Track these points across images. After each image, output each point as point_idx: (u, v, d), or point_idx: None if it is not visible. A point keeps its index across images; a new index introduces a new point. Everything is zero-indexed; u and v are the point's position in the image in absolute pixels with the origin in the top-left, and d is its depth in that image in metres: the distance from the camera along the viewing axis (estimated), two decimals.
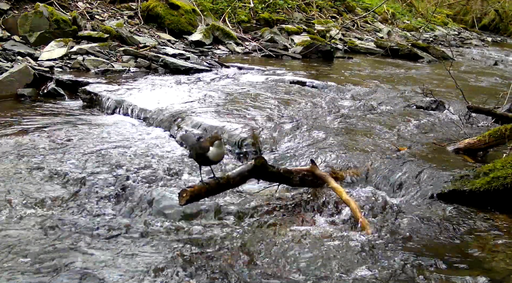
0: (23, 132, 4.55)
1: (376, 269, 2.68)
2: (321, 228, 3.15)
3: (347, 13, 15.43)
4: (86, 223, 3.09)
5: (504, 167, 3.44)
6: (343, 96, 6.35)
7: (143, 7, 9.83)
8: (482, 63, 11.22)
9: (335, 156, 4.09)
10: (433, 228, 3.14)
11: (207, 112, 5.15)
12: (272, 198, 3.51)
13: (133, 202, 3.39)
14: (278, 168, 3.52)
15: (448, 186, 3.54)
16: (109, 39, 8.19)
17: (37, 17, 7.66)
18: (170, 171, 3.87)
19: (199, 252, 2.83)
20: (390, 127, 5.06)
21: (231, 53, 9.60)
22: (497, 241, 3.01)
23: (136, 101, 5.56)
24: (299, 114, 5.31)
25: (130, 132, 4.83)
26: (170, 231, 3.07)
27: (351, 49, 11.41)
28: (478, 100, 6.07)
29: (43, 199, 3.32)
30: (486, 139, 4.26)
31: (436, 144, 4.53)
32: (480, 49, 14.84)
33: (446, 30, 17.83)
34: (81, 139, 4.47)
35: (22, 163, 3.80)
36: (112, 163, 3.92)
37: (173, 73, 7.25)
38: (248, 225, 3.18)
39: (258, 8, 12.01)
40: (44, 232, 2.93)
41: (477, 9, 22.19)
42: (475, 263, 2.78)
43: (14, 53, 6.84)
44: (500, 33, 22.04)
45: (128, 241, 2.91)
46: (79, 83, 6.15)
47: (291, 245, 2.91)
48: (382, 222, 3.19)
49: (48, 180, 3.59)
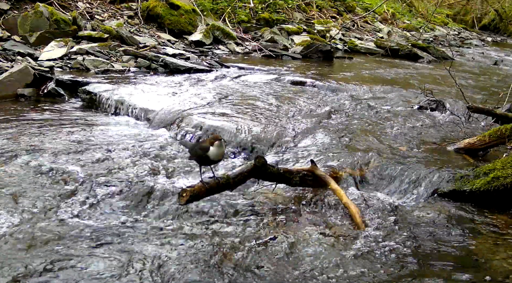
0: (23, 132, 4.55)
1: (375, 269, 2.68)
2: (321, 228, 3.15)
3: (347, 13, 15.43)
4: (87, 223, 3.09)
5: (504, 167, 3.44)
6: (343, 96, 6.35)
7: (143, 7, 9.83)
8: (482, 63, 11.22)
9: (335, 156, 4.09)
10: (433, 228, 3.15)
11: (207, 112, 5.15)
12: (271, 198, 3.51)
13: (133, 202, 3.39)
14: (278, 168, 3.51)
15: (448, 186, 3.54)
16: (109, 39, 8.19)
17: (37, 17, 7.65)
18: (170, 171, 3.87)
19: (197, 251, 2.83)
20: (390, 127, 5.06)
21: (231, 53, 9.60)
22: (497, 241, 3.01)
23: (136, 101, 5.56)
24: (299, 114, 5.31)
25: (130, 132, 4.83)
26: (170, 230, 3.07)
27: (351, 49, 11.41)
28: (478, 100, 6.08)
29: (43, 199, 3.32)
30: (486, 139, 4.26)
31: (436, 144, 4.53)
32: (480, 49, 14.84)
33: (446, 30, 17.81)
34: (81, 139, 4.47)
35: (22, 163, 3.79)
36: (113, 163, 3.92)
37: (173, 73, 7.25)
38: (248, 225, 3.18)
39: (258, 8, 12.01)
40: (45, 233, 2.93)
41: (477, 9, 22.19)
42: (475, 263, 2.78)
43: (14, 53, 6.84)
44: (500, 33, 22.03)
45: (128, 241, 2.91)
46: (79, 83, 6.15)
47: (291, 245, 2.91)
48: (381, 222, 3.19)
49: (48, 180, 3.59)
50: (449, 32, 17.46)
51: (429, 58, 10.83)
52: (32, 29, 7.56)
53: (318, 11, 14.29)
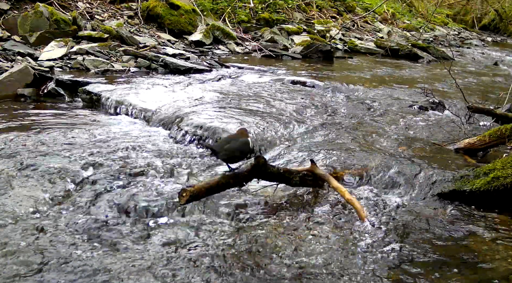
0: (23, 132, 4.55)
1: (375, 268, 2.68)
2: (322, 226, 3.15)
3: (347, 13, 15.44)
4: (87, 224, 3.09)
5: (504, 167, 3.44)
6: (343, 96, 6.35)
7: (143, 7, 9.84)
8: (482, 63, 11.22)
9: (335, 155, 4.09)
10: (433, 228, 3.15)
11: (207, 112, 5.15)
12: (271, 197, 3.51)
13: (133, 201, 3.39)
14: (278, 168, 3.51)
15: (448, 186, 3.54)
16: (109, 39, 8.19)
17: (37, 17, 7.66)
18: (170, 171, 3.87)
19: (196, 251, 2.83)
20: (390, 127, 5.06)
21: (231, 53, 9.60)
22: (497, 241, 3.01)
23: (136, 101, 5.56)
24: (299, 114, 5.31)
25: (130, 132, 4.83)
26: (169, 229, 3.07)
27: (351, 49, 11.41)
28: (478, 100, 6.09)
29: (44, 200, 3.32)
30: (486, 139, 4.26)
31: (436, 144, 4.53)
32: (480, 49, 14.84)
33: (446, 30, 17.83)
34: (81, 139, 4.46)
35: (23, 163, 3.79)
36: (113, 163, 3.92)
37: (173, 73, 7.25)
38: (248, 224, 3.18)
39: (258, 8, 12.02)
40: (45, 234, 2.93)
41: (477, 9, 22.20)
42: (475, 263, 2.78)
43: (14, 53, 6.84)
44: (500, 33, 22.04)
45: (126, 241, 2.91)
46: (79, 83, 6.15)
47: (290, 245, 2.91)
48: (381, 222, 3.19)
49: (49, 180, 3.58)
50: (449, 32, 17.48)
51: (429, 58, 10.84)
52: (32, 29, 7.56)
53: (318, 11, 14.30)
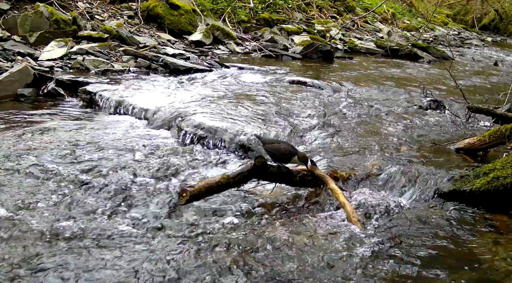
0: (23, 132, 4.55)
1: (374, 269, 2.68)
2: (319, 228, 3.15)
3: (347, 13, 15.43)
4: (87, 224, 3.09)
5: (504, 167, 3.44)
6: (343, 96, 6.36)
7: (143, 7, 9.83)
8: (482, 63, 11.23)
9: (335, 156, 4.09)
10: (433, 228, 3.15)
11: (208, 112, 5.15)
12: (271, 197, 3.52)
13: (133, 201, 3.39)
14: (279, 168, 3.51)
15: (448, 186, 3.54)
16: (109, 39, 8.19)
17: (37, 17, 7.65)
18: (170, 171, 3.87)
19: (195, 251, 2.83)
20: (390, 127, 5.07)
21: (231, 53, 9.60)
22: (497, 241, 3.01)
23: (136, 101, 5.56)
24: (299, 114, 5.31)
25: (130, 132, 4.83)
26: (169, 229, 3.07)
27: (351, 49, 11.40)
28: (478, 100, 6.08)
29: (44, 200, 3.32)
30: (486, 139, 4.26)
31: (436, 144, 4.53)
32: (480, 49, 14.84)
33: (446, 30, 17.82)
34: (81, 139, 4.47)
35: (23, 163, 3.79)
36: (113, 163, 3.92)
37: (173, 73, 7.25)
38: (247, 224, 3.18)
39: (258, 8, 12.01)
40: (45, 234, 2.93)
41: (477, 9, 22.21)
42: (475, 263, 2.78)
43: (14, 53, 6.83)
44: (500, 33, 22.04)
45: (126, 242, 2.91)
46: (79, 83, 6.15)
47: (290, 245, 2.91)
48: (381, 222, 3.19)
49: (49, 180, 3.58)
50: (449, 32, 17.47)
51: (429, 58, 10.84)
52: (32, 29, 7.56)
53: (318, 11, 14.30)
